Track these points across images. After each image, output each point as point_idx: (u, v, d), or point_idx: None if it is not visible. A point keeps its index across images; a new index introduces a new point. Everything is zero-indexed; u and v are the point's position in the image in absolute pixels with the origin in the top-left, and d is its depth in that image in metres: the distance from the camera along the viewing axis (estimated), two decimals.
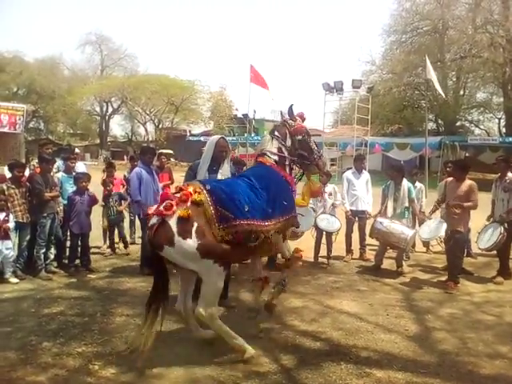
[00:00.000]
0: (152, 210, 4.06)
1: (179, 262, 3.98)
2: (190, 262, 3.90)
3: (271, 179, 4.36)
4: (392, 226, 6.96)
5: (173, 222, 3.83)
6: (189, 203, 3.90)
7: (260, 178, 4.31)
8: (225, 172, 5.12)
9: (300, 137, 4.69)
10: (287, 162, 4.66)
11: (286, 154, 4.62)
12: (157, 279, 4.04)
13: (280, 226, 4.24)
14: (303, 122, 4.89)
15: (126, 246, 8.12)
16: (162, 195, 4.28)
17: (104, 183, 8.04)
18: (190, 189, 3.98)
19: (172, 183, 8.63)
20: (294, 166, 4.80)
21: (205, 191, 3.94)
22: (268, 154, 4.59)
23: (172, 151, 37.07)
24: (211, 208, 3.89)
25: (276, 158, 4.58)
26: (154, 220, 3.92)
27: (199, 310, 3.94)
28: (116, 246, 8.15)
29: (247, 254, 4.53)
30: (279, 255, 7.67)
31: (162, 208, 3.90)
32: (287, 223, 4.37)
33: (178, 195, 3.98)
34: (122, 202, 8.13)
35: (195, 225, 3.84)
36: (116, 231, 8.17)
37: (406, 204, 7.28)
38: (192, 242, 3.81)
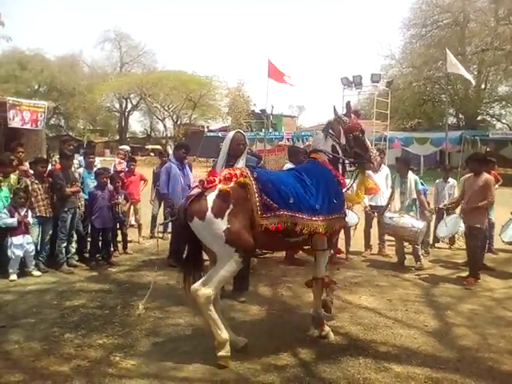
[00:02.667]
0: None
1: (203, 239, 3.89)
2: (214, 242, 3.84)
3: (322, 177, 4.27)
4: (402, 220, 6.93)
5: (210, 198, 3.79)
6: (232, 183, 3.85)
7: (311, 174, 4.24)
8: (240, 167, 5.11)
9: (355, 134, 4.57)
10: (340, 161, 4.54)
11: (340, 153, 4.50)
12: (189, 250, 4.01)
13: (326, 223, 4.13)
14: (358, 118, 4.76)
15: (125, 247, 7.83)
16: (209, 172, 4.21)
17: (112, 179, 7.51)
18: (237, 171, 3.95)
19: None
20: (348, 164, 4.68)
21: (251, 177, 3.91)
22: (323, 151, 4.48)
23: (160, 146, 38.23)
24: (256, 195, 3.84)
25: (330, 156, 4.47)
26: (193, 191, 3.94)
27: (196, 287, 3.81)
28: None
29: (285, 247, 4.50)
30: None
31: (204, 181, 3.90)
32: (334, 222, 4.24)
33: (224, 174, 3.94)
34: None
35: (231, 207, 3.78)
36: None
37: (414, 196, 7.22)
38: (222, 224, 3.75)
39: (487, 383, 3.62)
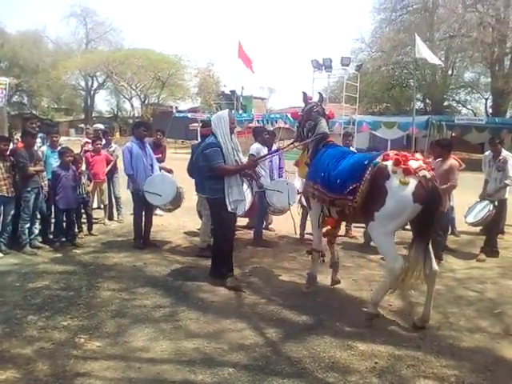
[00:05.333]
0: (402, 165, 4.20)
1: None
2: None
3: None
4: None
5: None
6: None
7: None
8: (238, 147, 5.34)
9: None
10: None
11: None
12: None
13: None
14: None
15: (90, 228, 7.60)
16: (406, 157, 4.35)
17: (74, 160, 7.13)
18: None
19: (163, 161, 8.52)
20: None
21: None
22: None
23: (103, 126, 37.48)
24: None
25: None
26: (428, 174, 4.20)
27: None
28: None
29: None
30: (266, 232, 7.78)
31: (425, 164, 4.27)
32: None
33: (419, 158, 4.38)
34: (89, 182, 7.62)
35: None
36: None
37: None
38: None
39: (446, 359, 3.74)
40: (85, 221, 7.60)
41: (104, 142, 8.89)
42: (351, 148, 8.31)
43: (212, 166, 5.17)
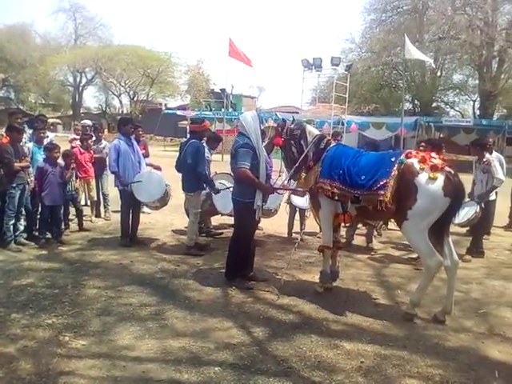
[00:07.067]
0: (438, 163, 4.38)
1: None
2: None
3: None
4: None
5: None
6: None
7: None
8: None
9: None
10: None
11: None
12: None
13: None
14: None
15: (80, 224, 7.61)
16: (429, 154, 4.53)
17: (64, 155, 7.12)
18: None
19: (147, 157, 8.48)
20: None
21: None
22: None
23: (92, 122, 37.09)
24: None
25: None
26: (452, 169, 4.41)
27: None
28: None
29: None
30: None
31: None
32: None
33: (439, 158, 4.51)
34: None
35: None
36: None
37: None
38: None
39: (431, 359, 3.76)
40: (74, 217, 7.52)
41: (94, 138, 8.84)
42: None
43: (236, 164, 5.02)
